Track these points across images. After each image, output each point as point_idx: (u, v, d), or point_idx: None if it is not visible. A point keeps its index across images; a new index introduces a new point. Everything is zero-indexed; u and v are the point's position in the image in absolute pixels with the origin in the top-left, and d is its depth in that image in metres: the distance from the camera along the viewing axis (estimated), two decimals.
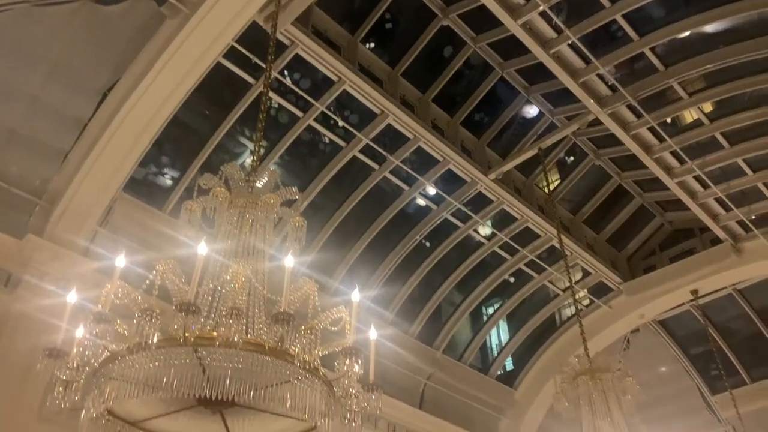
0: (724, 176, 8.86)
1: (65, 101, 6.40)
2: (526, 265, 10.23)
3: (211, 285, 3.07)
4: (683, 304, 10.59)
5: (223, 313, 2.74)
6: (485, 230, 9.93)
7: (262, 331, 2.96)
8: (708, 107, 8.26)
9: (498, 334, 12.89)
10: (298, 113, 7.59)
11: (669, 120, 8.40)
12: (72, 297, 3.06)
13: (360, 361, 3.12)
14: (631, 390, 5.98)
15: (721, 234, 9.34)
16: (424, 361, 10.32)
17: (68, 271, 6.19)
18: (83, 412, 2.92)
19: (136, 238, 6.89)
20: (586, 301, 10.78)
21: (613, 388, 5.90)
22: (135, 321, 2.71)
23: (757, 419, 10.30)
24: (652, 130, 8.19)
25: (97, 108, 6.51)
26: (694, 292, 9.79)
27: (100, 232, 6.78)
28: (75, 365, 2.86)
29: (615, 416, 5.86)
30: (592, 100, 7.57)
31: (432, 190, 8.97)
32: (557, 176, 10.07)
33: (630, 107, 7.85)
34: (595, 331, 10.06)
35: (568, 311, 11.83)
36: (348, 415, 3.25)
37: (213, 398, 2.90)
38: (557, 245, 8.52)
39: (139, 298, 2.91)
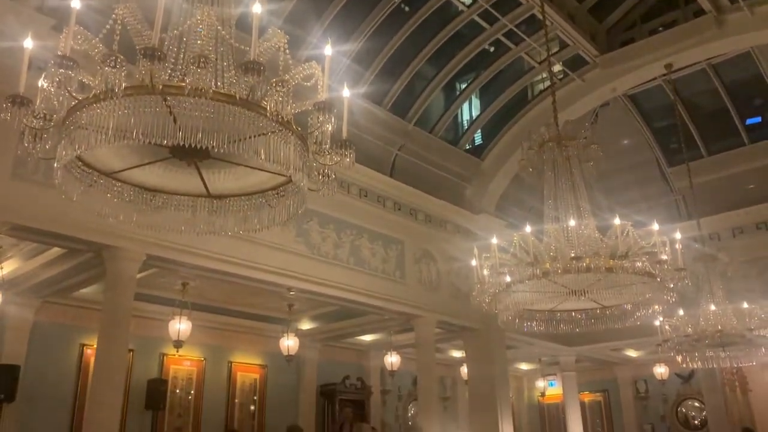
0: None
1: None
2: (505, 35, 9.96)
3: (176, 31, 2.90)
4: (655, 78, 10.62)
5: (191, 61, 2.63)
6: None
7: (231, 82, 2.88)
8: None
9: (470, 110, 12.99)
10: None
11: None
12: (28, 42, 2.89)
13: (333, 119, 3.12)
14: (595, 157, 6.19)
15: (706, 5, 9.04)
16: (396, 132, 10.49)
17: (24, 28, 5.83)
18: (56, 163, 2.92)
19: None
20: (560, 76, 10.72)
21: (578, 155, 6.10)
22: (98, 68, 2.60)
23: (706, 190, 10.99)
24: None
25: None
26: (668, 66, 9.75)
27: None
28: (42, 114, 2.80)
29: (576, 181, 6.14)
30: None
31: None
32: None
33: None
34: (566, 104, 10.16)
35: (541, 86, 11.83)
36: (322, 171, 3.31)
37: (187, 149, 2.92)
38: (539, 14, 8.20)
39: (101, 45, 2.76)
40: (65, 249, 7.37)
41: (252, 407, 11.99)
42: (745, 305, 7.68)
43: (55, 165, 2.93)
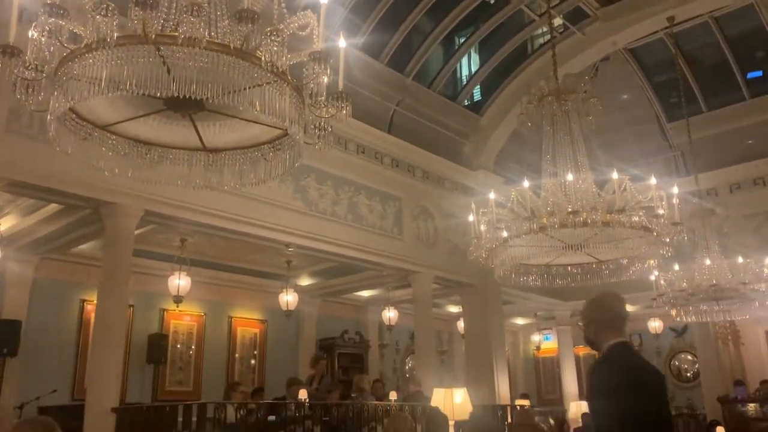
0: None
1: None
2: None
3: None
4: (657, 32, 10.46)
5: (183, 10, 2.58)
6: None
7: (225, 32, 2.82)
8: None
9: (469, 65, 12.84)
10: None
11: None
12: None
13: (329, 70, 3.07)
14: (594, 111, 6.15)
15: None
16: (394, 87, 10.37)
17: None
18: (49, 115, 2.89)
19: None
20: (561, 29, 10.55)
21: (577, 109, 6.06)
22: (90, 17, 2.55)
23: (705, 145, 10.94)
24: None
25: None
26: (671, 19, 9.58)
27: None
28: (34, 65, 2.75)
29: (575, 136, 6.11)
30: None
31: None
32: None
33: None
34: (566, 59, 10.01)
35: (541, 40, 11.67)
36: (318, 124, 3.28)
37: (181, 101, 2.89)
38: None
39: None
40: (62, 205, 7.36)
41: (252, 361, 12.17)
42: (740, 260, 7.74)
43: (49, 117, 2.90)
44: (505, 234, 5.67)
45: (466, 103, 11.86)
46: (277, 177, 3.71)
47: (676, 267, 7.91)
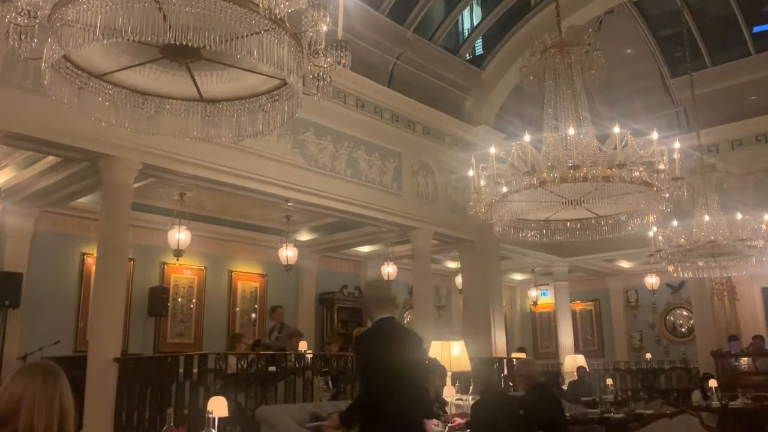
0: None
1: None
2: None
3: None
4: None
5: None
6: None
7: None
8: None
9: (471, 17, 12.61)
10: None
11: None
12: None
13: (328, 17, 3.01)
14: (597, 65, 6.06)
15: None
16: (395, 40, 10.20)
17: None
18: (43, 63, 2.84)
19: None
20: None
21: (580, 63, 5.96)
22: None
23: (708, 101, 10.83)
24: None
25: None
26: None
27: None
28: (26, 11, 2.69)
29: (577, 90, 6.03)
30: None
31: None
32: None
33: None
34: (570, 11, 9.80)
35: None
36: (317, 74, 3.23)
37: (177, 49, 2.84)
38: None
39: None
40: (60, 158, 7.32)
41: (253, 315, 12.31)
42: (739, 216, 7.75)
43: (43, 66, 2.85)
44: (504, 189, 5.65)
45: (468, 57, 11.69)
46: (275, 129, 3.67)
47: (675, 223, 7.92)
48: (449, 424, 5.01)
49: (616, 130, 5.16)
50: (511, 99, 11.75)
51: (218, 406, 4.00)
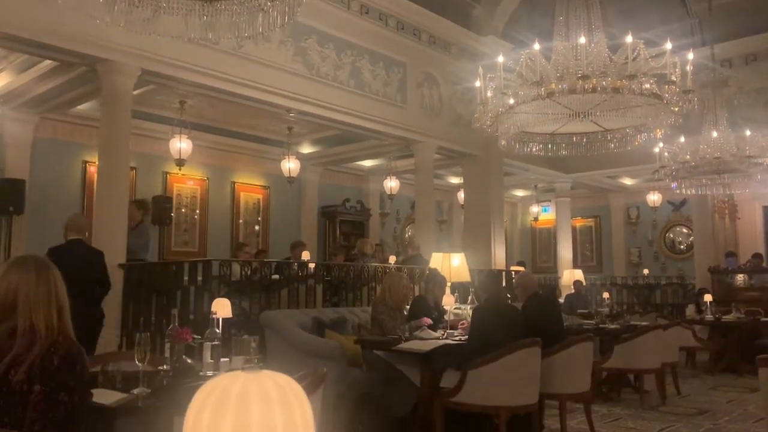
0: None
1: None
2: None
3: None
4: None
5: None
6: None
7: None
8: None
9: None
10: None
11: None
12: None
13: None
14: None
15: None
16: None
17: None
18: None
19: None
20: None
21: None
22: None
23: (724, 13, 10.43)
24: None
25: None
26: None
27: None
28: None
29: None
30: None
31: None
32: None
33: None
34: None
35: None
36: None
37: None
38: None
39: None
40: (57, 62, 7.16)
41: (256, 226, 12.42)
42: (748, 133, 7.64)
43: None
44: (511, 101, 5.54)
45: None
46: (274, 30, 3.56)
47: (682, 139, 7.82)
48: (458, 329, 5.17)
49: (629, 39, 4.99)
50: (522, 8, 11.32)
51: (222, 307, 4.09)
